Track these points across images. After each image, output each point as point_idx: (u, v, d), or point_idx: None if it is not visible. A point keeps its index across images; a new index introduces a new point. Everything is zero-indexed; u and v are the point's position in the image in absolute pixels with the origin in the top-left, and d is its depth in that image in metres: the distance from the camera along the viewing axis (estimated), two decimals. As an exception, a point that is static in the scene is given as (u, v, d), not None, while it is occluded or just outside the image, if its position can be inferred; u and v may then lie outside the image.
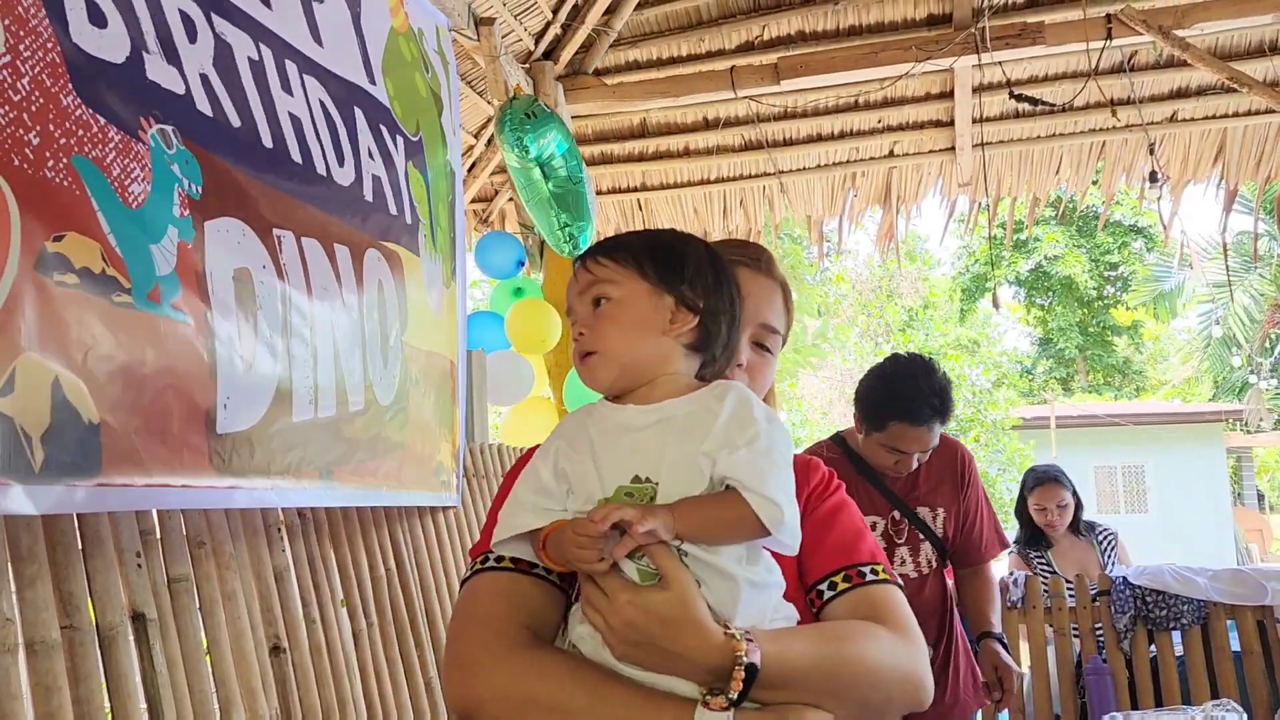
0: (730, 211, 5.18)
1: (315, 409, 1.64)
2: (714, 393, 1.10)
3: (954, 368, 16.54)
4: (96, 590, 1.43)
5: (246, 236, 1.50)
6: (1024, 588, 3.73)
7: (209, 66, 1.52)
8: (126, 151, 1.26)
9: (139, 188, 1.27)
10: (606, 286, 1.12)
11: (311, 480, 1.64)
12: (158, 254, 1.29)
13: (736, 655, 0.98)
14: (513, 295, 3.96)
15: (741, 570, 1.04)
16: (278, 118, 1.68)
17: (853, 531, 1.22)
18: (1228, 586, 3.51)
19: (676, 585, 1.01)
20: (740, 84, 4.13)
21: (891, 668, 1.09)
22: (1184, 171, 4.74)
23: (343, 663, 1.94)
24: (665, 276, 1.12)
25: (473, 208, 5.17)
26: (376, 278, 1.92)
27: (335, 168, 1.83)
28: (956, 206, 5.12)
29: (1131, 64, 4.23)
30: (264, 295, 1.51)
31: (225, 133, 1.51)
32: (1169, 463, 17.15)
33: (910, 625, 1.14)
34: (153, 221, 1.29)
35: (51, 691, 1.31)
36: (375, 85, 2.12)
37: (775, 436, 1.07)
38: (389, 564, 2.20)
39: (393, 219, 2.04)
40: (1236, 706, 2.33)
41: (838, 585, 1.15)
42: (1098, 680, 3.12)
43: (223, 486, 1.39)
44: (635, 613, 1.02)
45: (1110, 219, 21.42)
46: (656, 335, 1.11)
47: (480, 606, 1.12)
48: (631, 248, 1.15)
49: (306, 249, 1.67)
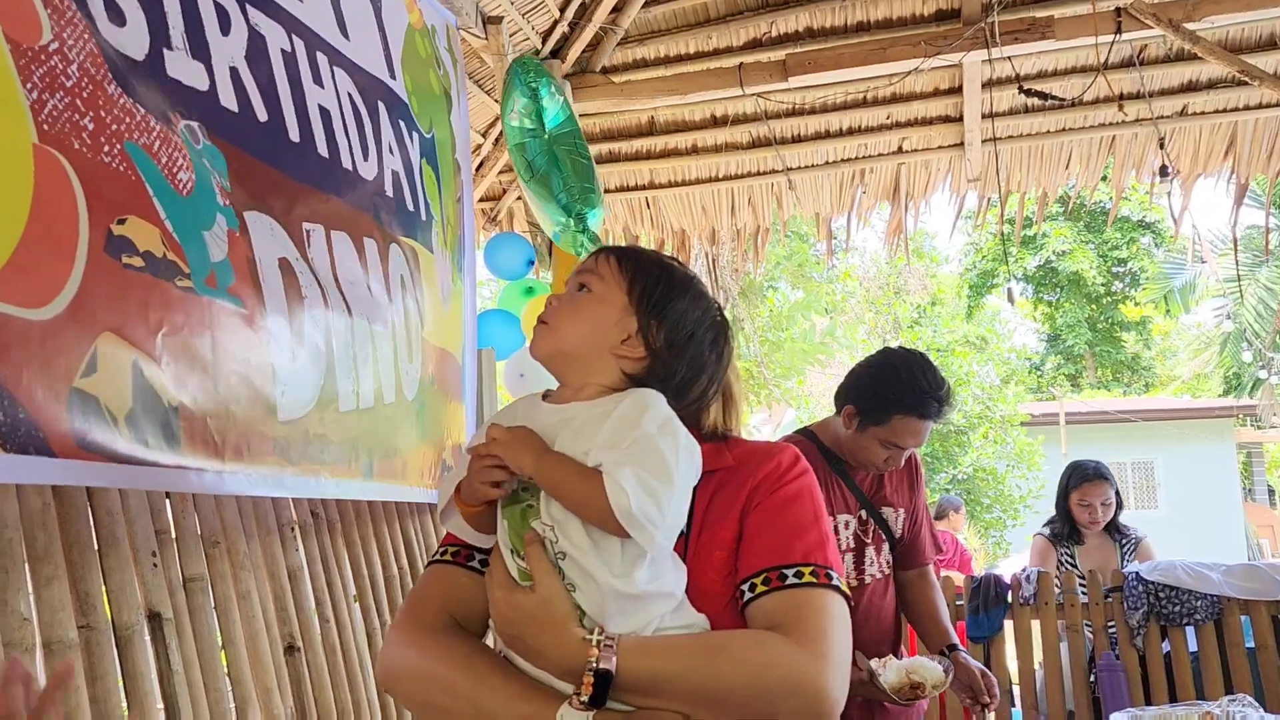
0: (738, 209, 5.17)
1: (357, 400, 1.64)
2: (619, 397, 1.14)
3: (962, 364, 16.51)
4: (112, 590, 1.43)
5: (276, 230, 1.50)
6: (1037, 584, 3.71)
7: (240, 59, 1.51)
8: (168, 142, 1.26)
9: (186, 175, 1.28)
10: (594, 279, 1.18)
11: (354, 475, 1.64)
12: (210, 241, 1.29)
13: (588, 660, 1.03)
14: (524, 294, 3.96)
15: (613, 579, 1.06)
16: (307, 110, 1.68)
17: (792, 528, 1.17)
18: (1242, 581, 3.50)
19: (541, 587, 1.08)
20: (748, 81, 4.12)
21: (779, 680, 1.06)
22: (1194, 166, 4.71)
23: (356, 662, 1.94)
24: (643, 302, 1.16)
25: (480, 206, 5.17)
26: (399, 273, 1.92)
27: (360, 161, 1.83)
28: (965, 202, 5.11)
29: (1141, 58, 4.21)
30: (306, 285, 1.51)
31: (251, 127, 1.51)
32: (1179, 459, 17.09)
33: (821, 634, 1.09)
34: (203, 208, 1.29)
35: (69, 690, 1.31)
36: (396, 80, 2.12)
37: (657, 441, 1.08)
38: (401, 563, 2.20)
39: (411, 215, 2.04)
40: (1253, 701, 2.32)
41: (757, 587, 1.14)
42: (1111, 676, 3.11)
43: (285, 475, 1.39)
44: (507, 609, 1.11)
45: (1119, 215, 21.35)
46: (604, 346, 1.16)
47: (417, 592, 1.24)
48: (642, 265, 1.18)
49: (335, 242, 1.67)
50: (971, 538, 14.05)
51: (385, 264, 1.84)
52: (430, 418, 2.06)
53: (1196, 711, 2.33)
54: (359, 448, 1.62)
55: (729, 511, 1.18)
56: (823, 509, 1.21)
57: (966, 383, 16.03)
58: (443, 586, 1.22)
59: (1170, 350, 25.51)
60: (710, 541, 1.17)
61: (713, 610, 1.13)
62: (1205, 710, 2.32)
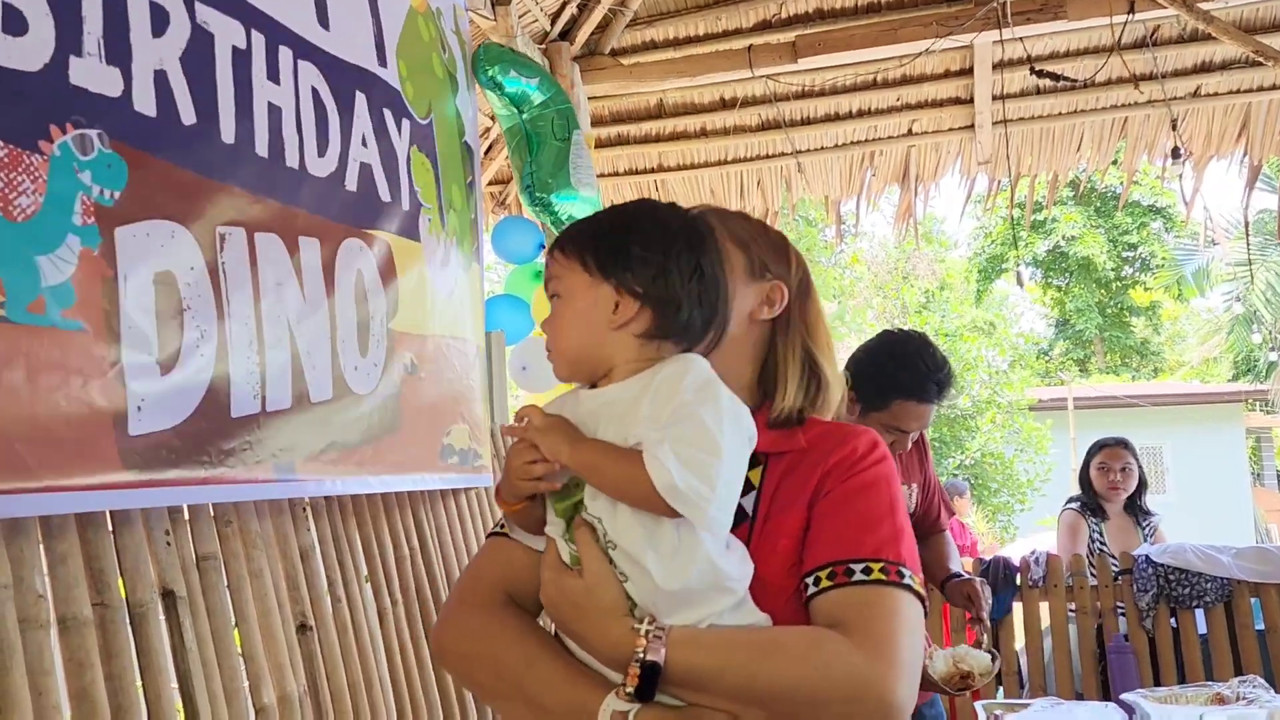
0: (748, 192, 5.15)
1: (262, 403, 1.62)
2: (653, 371, 1.07)
3: (970, 349, 16.47)
4: (126, 568, 1.44)
5: (176, 238, 1.48)
6: (1045, 566, 3.71)
7: (171, 61, 1.50)
8: (14, 166, 1.25)
9: (28, 200, 1.26)
10: (556, 282, 1.11)
11: (266, 472, 1.63)
12: (47, 265, 1.27)
13: (634, 650, 0.99)
14: (533, 279, 3.95)
15: (664, 573, 1.01)
16: (251, 110, 1.66)
17: (863, 519, 1.09)
18: (1252, 564, 3.49)
19: (589, 574, 1.04)
20: (757, 63, 4.10)
21: (835, 684, 0.99)
22: (1207, 147, 4.68)
23: (368, 641, 1.95)
24: (604, 265, 1.08)
25: (489, 189, 5.17)
26: (355, 267, 1.90)
27: (313, 158, 1.81)
28: (975, 185, 5.08)
29: (1154, 38, 4.18)
30: (191, 296, 1.49)
31: (170, 132, 1.49)
32: (1188, 443, 17.06)
33: (887, 637, 1.02)
34: (43, 232, 1.27)
35: (84, 667, 1.32)
36: (386, 68, 2.11)
37: (697, 409, 1.01)
38: (412, 543, 2.21)
39: (384, 206, 2.02)
40: (1264, 682, 2.31)
41: (821, 581, 1.06)
42: (1120, 659, 3.12)
43: (138, 483, 1.37)
44: (555, 592, 1.07)
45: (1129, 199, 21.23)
46: (601, 328, 1.08)
47: (474, 565, 1.22)
48: (579, 238, 1.11)
49: (260, 244, 1.65)
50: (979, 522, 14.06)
51: (330, 260, 1.82)
52: (409, 406, 2.05)
53: (1206, 692, 2.33)
54: (266, 449, 1.61)
55: (796, 498, 1.11)
56: (900, 502, 1.13)
57: (974, 367, 16.01)
58: (499, 561, 1.19)
59: (1179, 335, 25.42)
60: (775, 530, 1.10)
61: (774, 604, 1.07)
62: (1215, 691, 2.32)
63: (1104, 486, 3.97)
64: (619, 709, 1.01)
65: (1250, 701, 2.17)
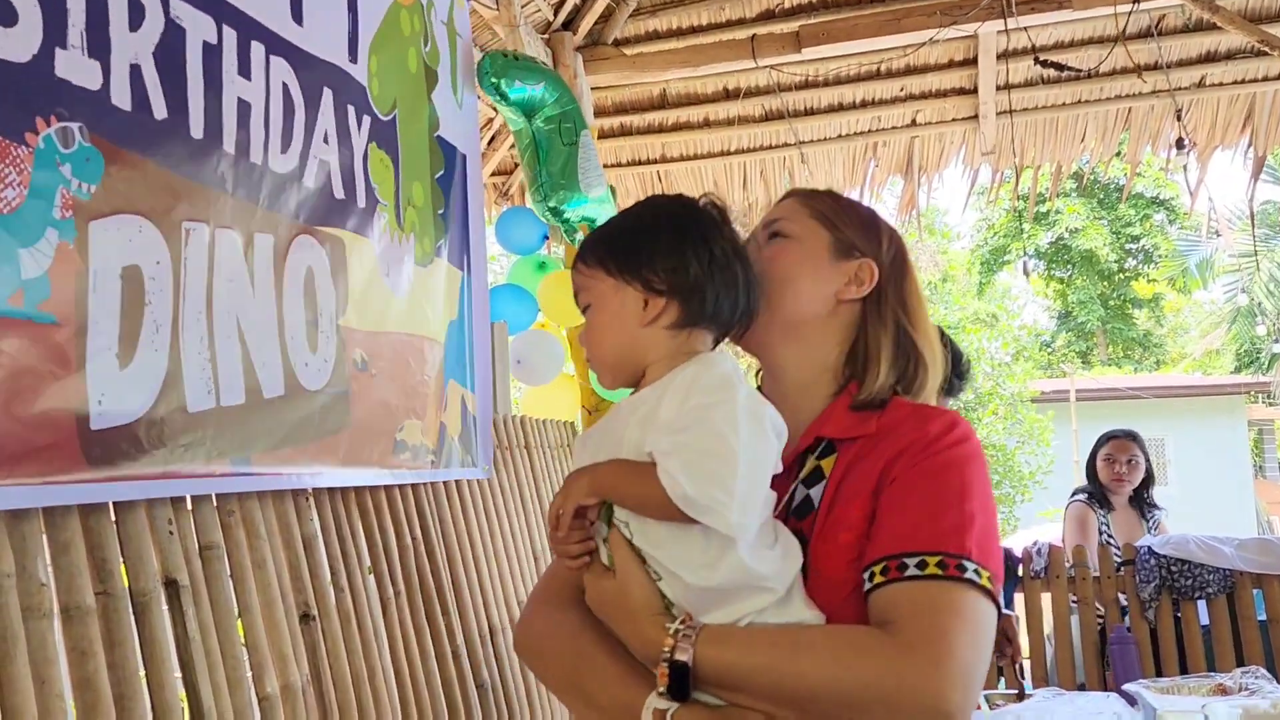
0: (750, 183, 5.15)
1: (216, 398, 1.62)
2: (675, 373, 1.07)
3: (973, 341, 16.46)
4: (129, 557, 1.43)
5: (144, 233, 1.48)
6: (1047, 558, 3.71)
7: (145, 56, 1.49)
8: (2, 158, 1.25)
9: (13, 193, 1.26)
10: (585, 294, 1.14)
11: (222, 465, 1.63)
12: (28, 257, 1.27)
13: (663, 650, 0.99)
14: (536, 270, 3.94)
15: (691, 574, 1.01)
16: (220, 105, 1.66)
17: (927, 508, 1.02)
18: (1255, 555, 3.49)
19: (621, 574, 1.05)
20: (761, 53, 4.08)
21: (868, 687, 0.94)
22: (1211, 138, 4.67)
23: (371, 631, 1.95)
24: (625, 267, 1.10)
25: (492, 180, 5.16)
26: (306, 264, 1.90)
27: (276, 154, 1.81)
28: (979, 176, 5.07)
29: (1159, 28, 4.16)
30: (153, 291, 1.49)
31: (143, 126, 1.49)
32: (1190, 436, 17.05)
33: (936, 636, 0.95)
34: (26, 225, 1.27)
35: (87, 656, 1.32)
36: (356, 64, 2.09)
37: (709, 412, 0.99)
38: (415, 533, 2.21)
39: (338, 203, 2.01)
40: (1266, 673, 2.31)
41: (875, 577, 1.01)
42: (1122, 649, 3.12)
43: (100, 479, 1.38)
44: (593, 595, 1.08)
45: (1133, 191, 21.19)
46: (634, 328, 1.09)
47: (551, 565, 1.23)
48: (597, 246, 1.13)
49: (219, 240, 1.65)
50: (981, 514, 14.02)
51: (281, 258, 1.82)
52: (360, 403, 2.04)
53: (1208, 683, 2.33)
54: (221, 443, 1.61)
55: (862, 488, 1.07)
56: (976, 489, 1.05)
57: (977, 359, 15.99)
58: None
59: (1182, 327, 25.39)
60: (837, 522, 1.06)
61: (834, 600, 1.03)
62: (1217, 682, 2.32)
63: (1109, 478, 3.98)
64: (659, 707, 1.00)
65: (1253, 692, 2.17)
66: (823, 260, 1.20)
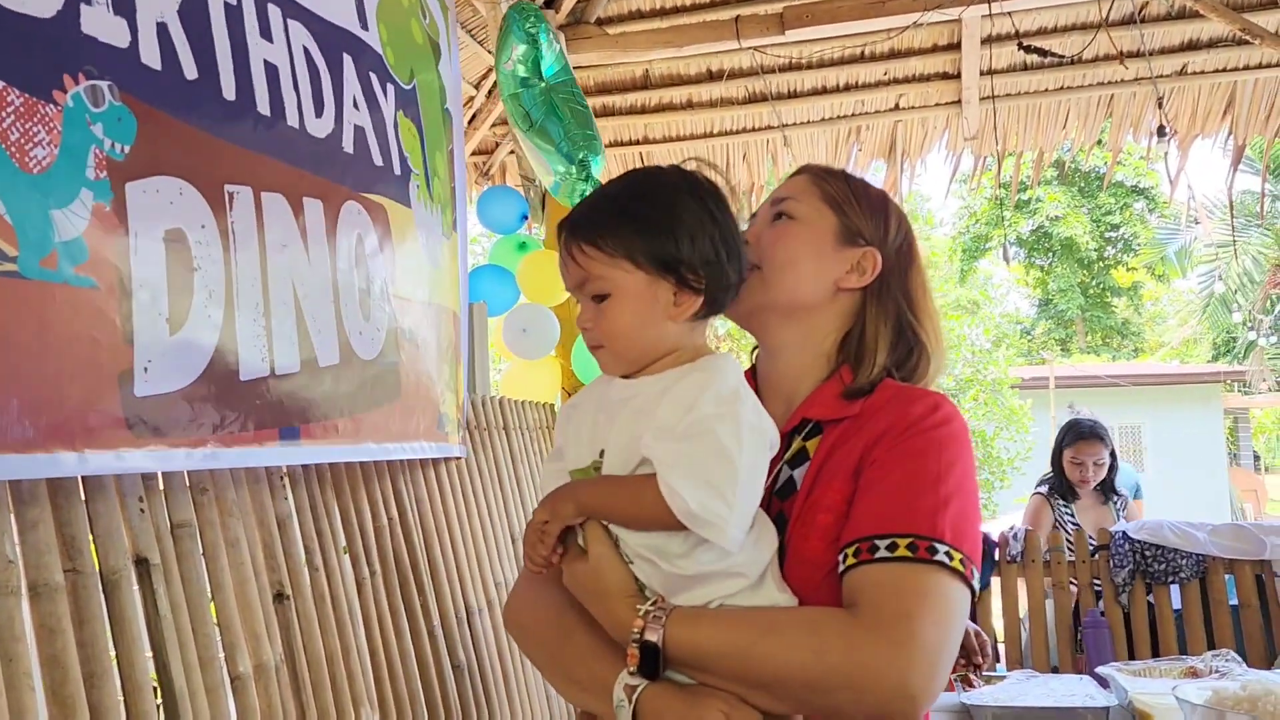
0: (733, 165, 5.13)
1: (271, 366, 1.60)
2: (679, 373, 1.05)
3: (954, 328, 16.53)
4: (99, 535, 1.42)
5: (185, 195, 1.45)
6: (1023, 542, 3.74)
7: (170, 14, 1.46)
8: (30, 115, 1.21)
9: (44, 151, 1.22)
10: (601, 282, 1.06)
11: (271, 439, 1.61)
12: (61, 219, 1.24)
13: (633, 631, 1.00)
14: (517, 249, 3.92)
15: (664, 561, 1.01)
16: (249, 67, 1.63)
17: (902, 490, 1.02)
18: (1227, 541, 3.52)
19: (594, 559, 1.05)
20: (744, 34, 4.06)
21: (831, 669, 0.93)
22: (1192, 126, 4.69)
23: (346, 610, 1.94)
24: (661, 263, 1.04)
25: (473, 160, 5.12)
26: (355, 231, 1.88)
27: (311, 119, 1.78)
28: (961, 162, 5.07)
29: (1142, 15, 4.16)
30: (201, 255, 1.47)
31: (175, 86, 1.45)
32: (1166, 423, 17.22)
33: (900, 618, 0.94)
34: (58, 185, 1.24)
35: (55, 634, 1.30)
36: (368, 31, 2.07)
37: (714, 425, 0.98)
38: (391, 513, 2.19)
39: (378, 170, 2.00)
40: (1236, 656, 2.34)
41: (848, 559, 1.01)
42: (1095, 633, 3.14)
43: (141, 449, 1.35)
44: (568, 576, 1.09)
45: (1113, 180, 21.30)
46: (661, 321, 1.06)
47: None
48: (618, 233, 1.04)
49: (266, 204, 1.62)
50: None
51: (333, 223, 1.79)
52: (407, 374, 2.03)
53: (1180, 665, 2.35)
54: (272, 413, 1.59)
55: (841, 469, 1.07)
56: (956, 471, 1.04)
57: (958, 346, 16.07)
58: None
59: (1160, 316, 25.60)
60: (816, 504, 1.06)
61: (812, 581, 1.04)
62: (1189, 664, 2.34)
63: (1076, 478, 4.05)
64: (630, 684, 1.01)
65: (1223, 675, 2.20)
66: (826, 246, 1.19)
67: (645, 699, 0.99)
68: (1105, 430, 4.11)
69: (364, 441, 1.89)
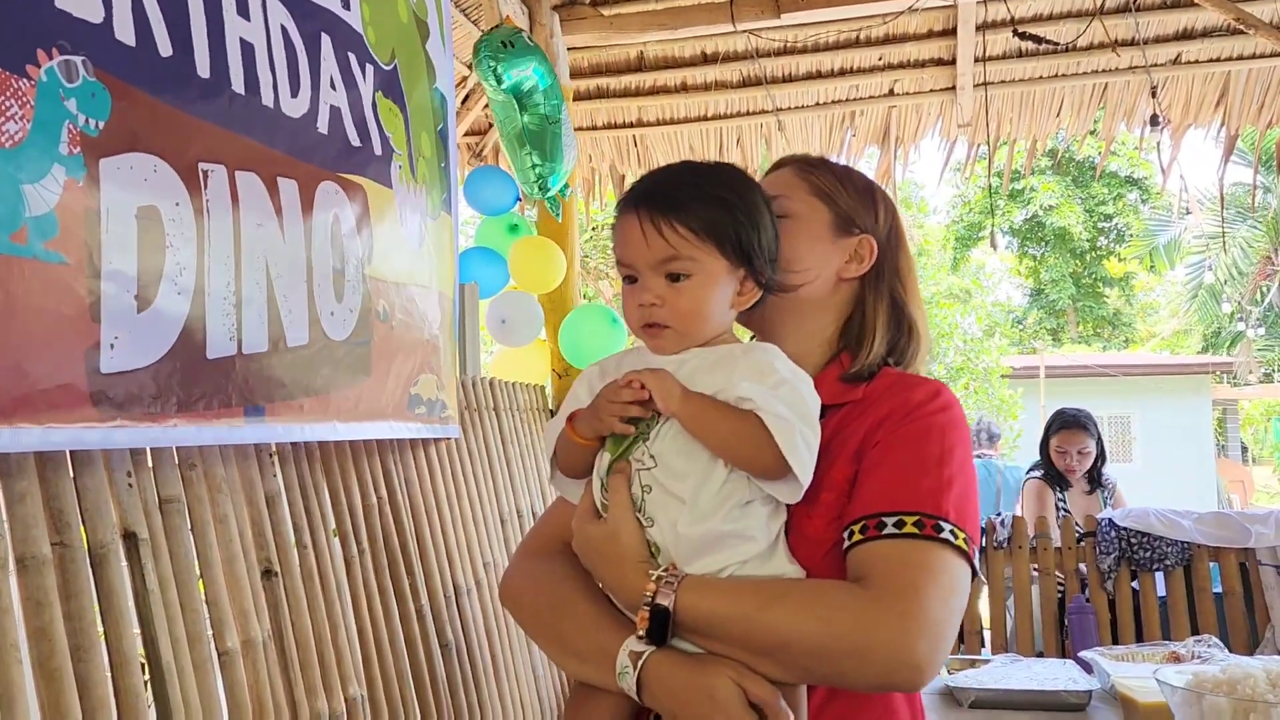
0: (727, 149, 5.12)
1: (238, 345, 1.60)
2: (740, 347, 1.11)
3: (946, 316, 16.56)
4: (87, 508, 1.41)
5: (159, 172, 1.44)
6: (1010, 528, 3.76)
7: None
8: (3, 90, 1.21)
9: (16, 126, 1.22)
10: (686, 263, 1.07)
11: (235, 417, 1.60)
12: (32, 194, 1.23)
13: (645, 595, 1.01)
14: (508, 232, 3.91)
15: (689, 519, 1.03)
16: (224, 46, 1.62)
17: (907, 470, 1.05)
18: (1212, 529, 3.55)
19: (611, 520, 1.06)
20: (739, 17, 4.04)
21: (838, 638, 0.96)
22: (1185, 116, 4.69)
23: (335, 588, 1.94)
24: (743, 253, 1.09)
25: (465, 140, 5.10)
26: (332, 210, 1.87)
27: (286, 98, 1.78)
28: (956, 148, 5.07)
29: (1137, 4, 4.16)
30: (174, 234, 1.46)
31: (149, 63, 1.45)
32: (1156, 414, 17.29)
33: (907, 590, 0.97)
34: (30, 160, 1.24)
35: (43, 606, 1.31)
36: (350, 11, 2.06)
37: (799, 387, 1.05)
38: (380, 492, 2.20)
39: (355, 150, 1.99)
40: (1218, 642, 2.36)
41: (854, 535, 1.04)
42: (1080, 618, 3.16)
43: (105, 425, 1.35)
44: (580, 540, 1.11)
45: (1106, 170, 21.32)
46: (727, 309, 1.11)
47: (540, 517, 1.29)
48: (713, 219, 1.06)
49: (240, 183, 1.62)
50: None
51: (308, 203, 1.79)
52: (379, 354, 2.03)
53: (1163, 650, 2.38)
54: (238, 392, 1.59)
55: (843, 450, 1.10)
56: (956, 454, 1.07)
57: (950, 335, 16.11)
58: (562, 513, 1.21)
59: (1151, 307, 25.68)
60: (820, 482, 1.06)
61: (814, 557, 1.06)
62: (1171, 649, 2.36)
63: (1062, 467, 4.09)
64: (635, 650, 1.02)
65: (1205, 660, 2.22)
66: (825, 239, 1.21)
67: (651, 665, 1.00)
68: (1092, 420, 4.13)
69: (330, 420, 1.89)
